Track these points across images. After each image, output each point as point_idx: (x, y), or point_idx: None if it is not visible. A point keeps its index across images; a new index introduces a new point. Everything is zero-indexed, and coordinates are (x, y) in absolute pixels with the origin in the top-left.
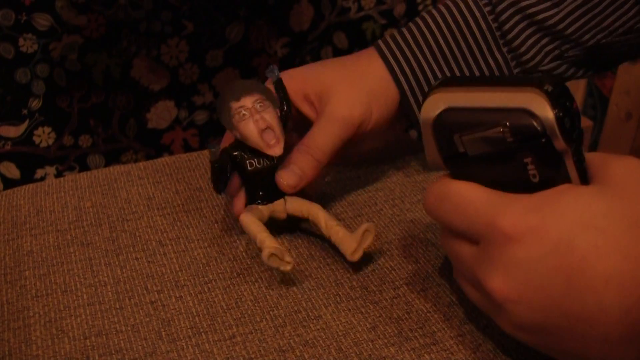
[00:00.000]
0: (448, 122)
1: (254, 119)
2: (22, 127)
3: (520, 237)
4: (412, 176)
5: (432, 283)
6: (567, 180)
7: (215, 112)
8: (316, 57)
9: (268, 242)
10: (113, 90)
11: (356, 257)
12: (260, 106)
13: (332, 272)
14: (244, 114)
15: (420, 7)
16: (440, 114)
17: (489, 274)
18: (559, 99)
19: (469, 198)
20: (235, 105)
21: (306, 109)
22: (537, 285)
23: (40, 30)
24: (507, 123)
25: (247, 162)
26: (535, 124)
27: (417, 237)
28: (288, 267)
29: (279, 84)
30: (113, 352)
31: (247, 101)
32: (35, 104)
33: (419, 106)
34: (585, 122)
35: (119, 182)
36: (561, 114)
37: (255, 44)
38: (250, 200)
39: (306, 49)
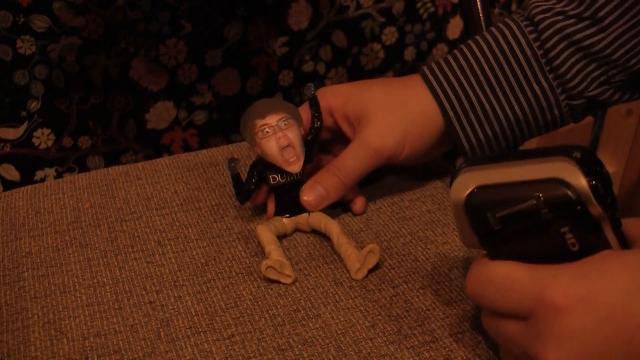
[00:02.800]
0: (479, 201)
1: (276, 137)
2: (21, 129)
3: (571, 307)
4: (411, 174)
5: (431, 281)
6: (607, 246)
7: (214, 112)
8: (315, 56)
9: (273, 254)
10: (112, 91)
11: (359, 275)
12: (285, 124)
13: (331, 271)
14: (267, 131)
15: (419, 5)
16: (470, 194)
17: (542, 348)
18: (590, 165)
19: (512, 277)
20: (259, 122)
21: (345, 127)
22: (594, 355)
23: (38, 31)
24: (540, 195)
25: (270, 176)
26: (569, 192)
27: (416, 234)
28: (288, 281)
29: (313, 101)
30: (112, 352)
31: (272, 119)
32: (34, 105)
33: (465, 134)
34: (586, 119)
35: (117, 183)
36: (594, 180)
37: (253, 44)
38: (277, 212)
39: (305, 48)
